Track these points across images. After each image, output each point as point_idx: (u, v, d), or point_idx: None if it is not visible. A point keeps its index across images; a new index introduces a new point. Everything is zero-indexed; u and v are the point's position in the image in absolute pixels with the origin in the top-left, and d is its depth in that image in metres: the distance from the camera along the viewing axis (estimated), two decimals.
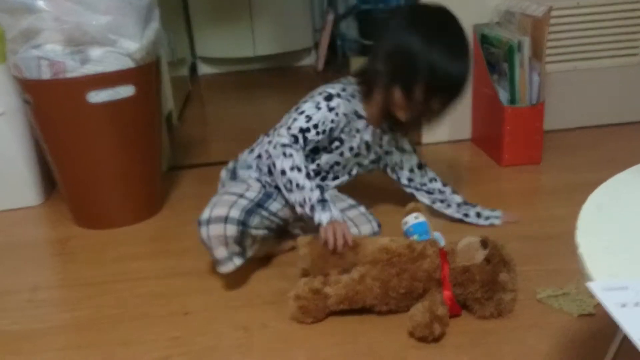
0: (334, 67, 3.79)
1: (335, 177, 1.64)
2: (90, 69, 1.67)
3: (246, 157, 1.68)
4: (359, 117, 1.56)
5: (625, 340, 0.98)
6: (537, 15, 2.00)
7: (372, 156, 1.67)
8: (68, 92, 1.69)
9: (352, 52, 3.77)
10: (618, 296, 0.63)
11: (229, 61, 3.85)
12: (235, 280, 1.52)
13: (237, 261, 1.44)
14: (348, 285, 1.31)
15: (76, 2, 1.62)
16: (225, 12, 3.66)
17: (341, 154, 1.58)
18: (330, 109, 1.48)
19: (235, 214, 1.42)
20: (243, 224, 1.42)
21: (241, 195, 1.49)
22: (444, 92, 1.47)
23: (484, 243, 1.31)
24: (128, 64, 1.73)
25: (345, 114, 1.50)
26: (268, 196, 1.54)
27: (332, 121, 1.48)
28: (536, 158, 2.13)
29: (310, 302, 1.31)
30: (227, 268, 1.44)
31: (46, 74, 1.66)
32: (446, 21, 1.48)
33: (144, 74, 1.80)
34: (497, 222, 1.70)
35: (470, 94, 2.33)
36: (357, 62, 3.54)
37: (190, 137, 2.71)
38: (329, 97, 1.49)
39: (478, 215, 1.72)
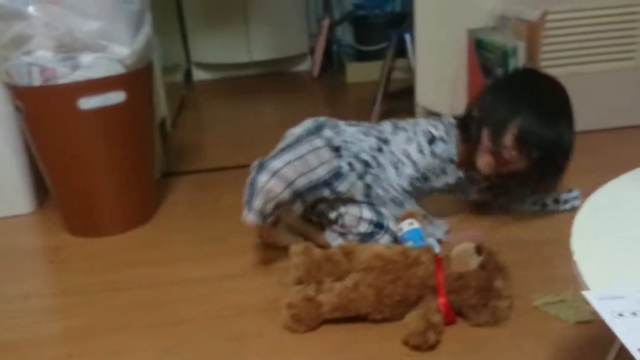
0: (330, 73, 3.78)
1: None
2: (81, 75, 1.65)
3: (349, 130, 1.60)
4: (452, 161, 1.59)
5: (623, 349, 0.96)
6: (532, 19, 1.99)
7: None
8: (59, 99, 1.68)
9: (348, 58, 3.76)
10: (615, 305, 0.62)
11: (224, 67, 3.84)
12: (229, 288, 1.50)
13: (261, 220, 1.44)
14: (342, 293, 1.29)
15: (66, 7, 1.60)
16: (220, 18, 3.65)
17: (421, 186, 1.62)
18: (434, 156, 1.54)
19: (300, 183, 1.42)
20: (301, 196, 1.43)
21: (315, 168, 1.46)
22: (526, 149, 1.49)
23: (479, 249, 1.29)
24: (119, 69, 1.71)
25: (443, 159, 1.56)
26: (338, 176, 1.50)
27: (432, 166, 1.56)
28: None
29: (303, 310, 1.29)
30: (252, 220, 1.43)
31: (37, 81, 1.65)
32: (552, 90, 1.56)
33: (136, 79, 1.79)
34: (577, 203, 1.68)
35: (465, 99, 2.32)
36: (352, 68, 3.55)
37: (185, 143, 2.69)
38: (432, 141, 1.54)
39: (556, 201, 1.70)
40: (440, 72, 2.29)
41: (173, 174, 2.30)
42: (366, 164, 1.53)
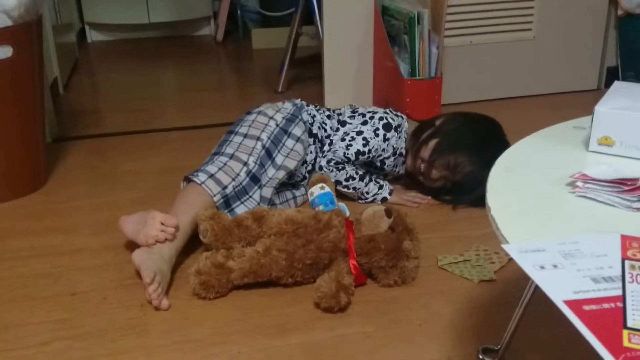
0: (235, 39, 3.68)
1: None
2: None
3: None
4: (399, 154, 1.70)
5: (530, 305, 1.00)
6: None
7: None
8: None
9: (253, 24, 3.66)
10: (535, 258, 0.62)
11: (120, 28, 3.63)
12: (129, 258, 1.42)
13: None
14: (252, 258, 1.26)
15: None
16: None
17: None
18: (385, 140, 1.65)
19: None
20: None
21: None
22: (452, 180, 1.63)
23: (388, 212, 1.30)
24: (5, 21, 1.57)
25: (394, 147, 1.67)
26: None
27: (383, 150, 1.66)
28: None
29: (212, 277, 1.24)
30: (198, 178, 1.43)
31: None
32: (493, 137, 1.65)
33: (23, 34, 1.64)
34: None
35: (372, 66, 2.33)
36: (258, 34, 3.46)
37: (79, 107, 2.52)
38: (387, 127, 1.65)
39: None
40: (347, 39, 2.28)
41: (66, 138, 2.15)
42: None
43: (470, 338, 1.15)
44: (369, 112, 1.70)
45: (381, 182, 1.67)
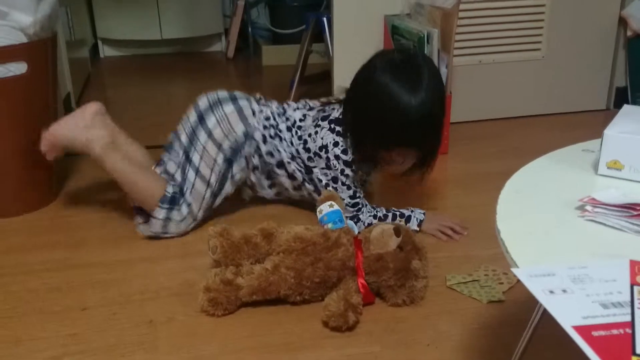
0: (245, 55, 3.71)
1: None
2: None
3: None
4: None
5: (538, 327, 1.00)
6: (446, 7, 2.03)
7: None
8: None
9: (263, 41, 3.70)
10: (545, 282, 0.63)
11: (133, 43, 3.67)
12: (139, 272, 1.44)
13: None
14: (261, 275, 1.26)
15: None
16: None
17: None
18: (354, 171, 1.58)
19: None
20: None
21: None
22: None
23: (397, 231, 1.30)
24: (20, 38, 1.59)
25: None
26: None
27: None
28: (443, 148, 2.17)
29: (221, 293, 1.25)
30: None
31: None
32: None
33: (38, 50, 1.66)
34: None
35: None
36: (268, 51, 3.50)
37: None
38: (347, 164, 1.56)
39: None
40: (357, 58, 2.30)
41: (78, 153, 2.17)
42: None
43: (479, 359, 1.15)
44: (319, 147, 1.57)
45: (410, 215, 1.60)
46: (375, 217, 1.59)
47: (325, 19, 2.54)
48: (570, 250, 0.77)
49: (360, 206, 1.60)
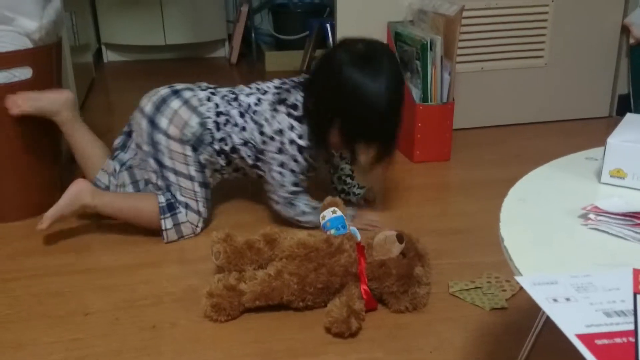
0: (248, 61, 3.72)
1: None
2: None
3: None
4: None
5: (541, 335, 1.00)
6: (449, 14, 2.04)
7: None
8: None
9: (267, 47, 3.71)
10: (548, 291, 0.63)
11: (137, 49, 3.69)
12: (142, 278, 1.44)
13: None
14: (264, 281, 1.26)
15: None
16: None
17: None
18: (305, 160, 1.59)
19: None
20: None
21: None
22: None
23: (400, 237, 1.30)
24: (26, 44, 1.60)
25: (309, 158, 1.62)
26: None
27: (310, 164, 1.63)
28: (446, 155, 2.18)
29: (224, 299, 1.25)
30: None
31: None
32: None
33: (43, 56, 1.67)
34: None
35: None
36: (271, 57, 3.50)
37: (95, 126, 2.53)
38: (301, 150, 1.57)
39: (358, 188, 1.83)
40: None
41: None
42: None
43: None
44: (275, 131, 1.58)
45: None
46: (307, 206, 1.63)
47: (328, 26, 2.56)
48: (574, 259, 0.77)
49: (298, 194, 1.63)
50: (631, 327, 0.60)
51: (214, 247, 1.34)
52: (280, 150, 1.58)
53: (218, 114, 1.62)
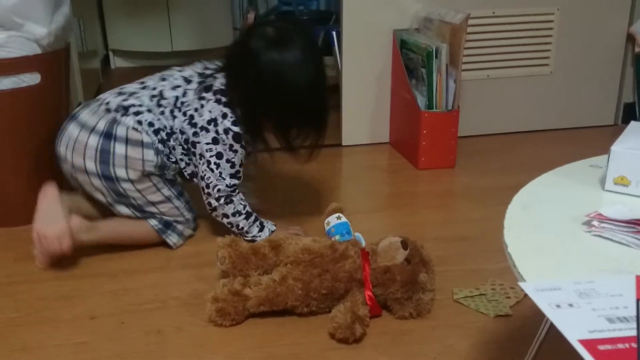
0: None
1: None
2: None
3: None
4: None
5: (545, 341, 1.00)
6: (455, 22, 2.05)
7: None
8: None
9: None
10: (551, 297, 0.63)
11: (144, 55, 3.71)
12: (148, 282, 1.45)
13: None
14: (269, 286, 1.27)
15: None
16: (141, 4, 3.52)
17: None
18: (243, 147, 1.54)
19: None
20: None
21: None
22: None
23: (404, 243, 1.31)
24: (34, 49, 1.61)
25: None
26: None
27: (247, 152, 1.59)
28: (451, 162, 2.18)
29: (229, 304, 1.26)
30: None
31: None
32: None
33: (51, 61, 1.69)
34: None
35: (389, 97, 2.36)
36: None
37: None
38: (237, 138, 1.52)
39: None
40: (365, 71, 2.32)
41: None
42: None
43: None
44: (207, 120, 1.52)
45: (264, 224, 1.59)
46: (243, 207, 1.56)
47: (334, 33, 2.57)
48: (577, 265, 0.78)
49: (236, 189, 1.56)
50: (634, 333, 0.61)
51: (219, 252, 1.35)
52: (215, 141, 1.52)
53: (156, 132, 1.53)
